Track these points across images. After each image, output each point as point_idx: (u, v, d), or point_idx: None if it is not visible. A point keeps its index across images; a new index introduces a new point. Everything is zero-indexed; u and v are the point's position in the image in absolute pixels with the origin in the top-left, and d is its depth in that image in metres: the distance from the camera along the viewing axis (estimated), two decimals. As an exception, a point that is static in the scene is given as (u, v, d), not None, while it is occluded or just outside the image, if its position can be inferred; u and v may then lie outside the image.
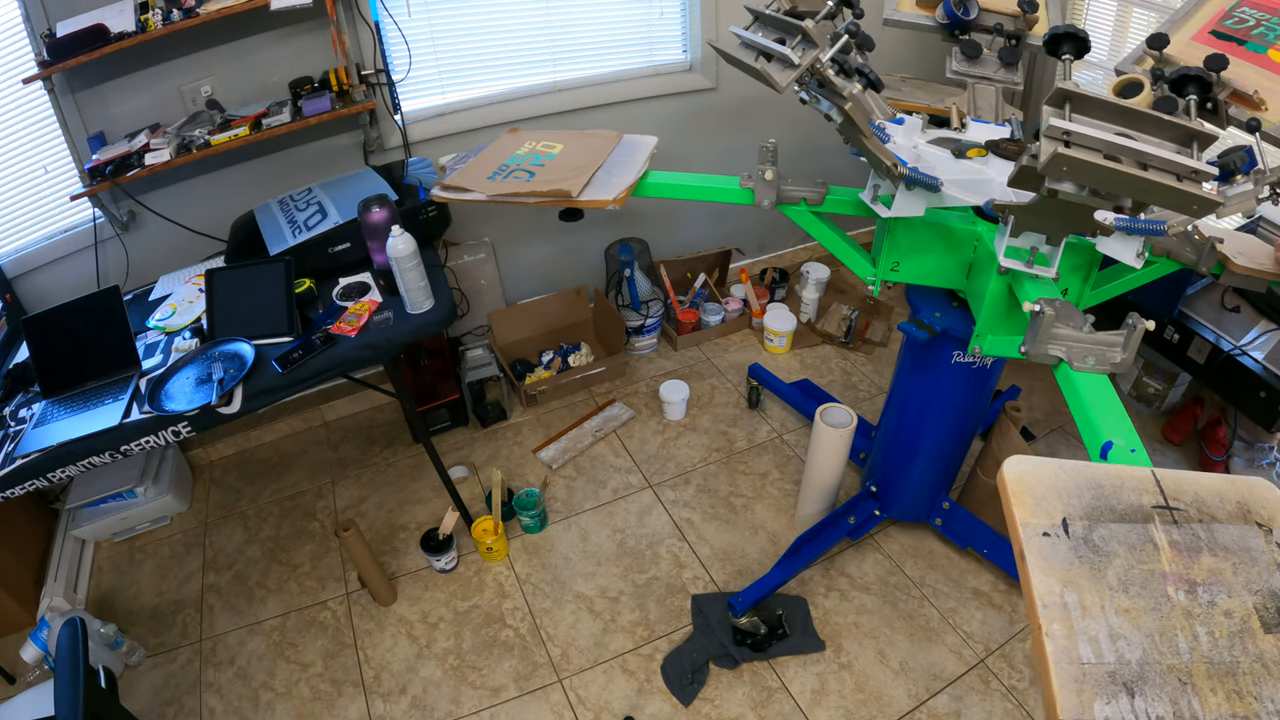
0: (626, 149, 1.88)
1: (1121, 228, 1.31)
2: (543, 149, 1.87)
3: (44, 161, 2.03)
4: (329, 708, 1.90)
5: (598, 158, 1.80)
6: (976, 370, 1.78)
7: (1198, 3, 1.54)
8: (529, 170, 1.75)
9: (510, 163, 1.80)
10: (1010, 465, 0.80)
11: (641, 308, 2.96)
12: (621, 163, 1.80)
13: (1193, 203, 1.02)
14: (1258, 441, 2.43)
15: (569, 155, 1.83)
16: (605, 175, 1.74)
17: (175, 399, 1.63)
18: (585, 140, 1.91)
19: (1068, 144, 1.05)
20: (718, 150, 2.98)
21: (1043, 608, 0.69)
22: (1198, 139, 1.06)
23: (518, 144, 1.92)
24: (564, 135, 1.95)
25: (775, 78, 1.44)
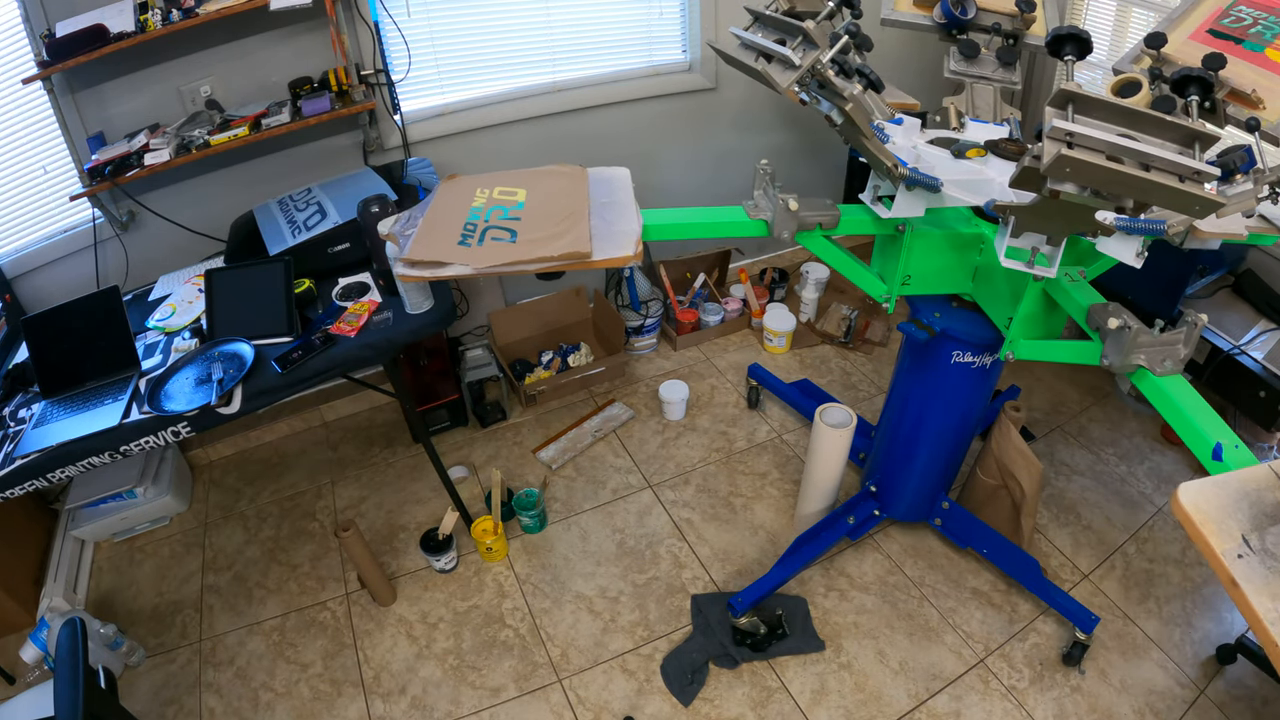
0: (602, 187, 1.66)
1: (1121, 227, 1.31)
2: (502, 197, 1.61)
3: (43, 162, 2.03)
4: (329, 708, 1.90)
5: (578, 202, 1.59)
6: (976, 370, 1.78)
7: (1195, 1, 1.54)
8: (505, 228, 1.51)
9: (474, 220, 1.53)
10: (1185, 494, 0.84)
11: (641, 308, 2.96)
12: (608, 204, 1.60)
13: (1195, 203, 1.03)
14: (1257, 441, 2.43)
15: (542, 203, 1.59)
16: (603, 224, 1.53)
17: (175, 399, 1.63)
18: (547, 181, 1.67)
19: (1070, 145, 1.05)
20: (717, 151, 2.98)
21: (1272, 626, 0.70)
22: (1200, 140, 1.06)
23: (468, 194, 1.63)
24: (517, 177, 1.70)
25: (776, 79, 1.45)
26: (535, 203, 1.59)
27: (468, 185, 1.67)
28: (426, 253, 1.43)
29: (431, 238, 1.48)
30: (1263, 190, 1.27)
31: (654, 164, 2.90)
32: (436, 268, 1.41)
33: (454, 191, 1.65)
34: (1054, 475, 2.45)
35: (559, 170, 1.72)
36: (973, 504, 2.18)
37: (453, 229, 1.50)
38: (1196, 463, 2.44)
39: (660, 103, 2.76)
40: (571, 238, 1.47)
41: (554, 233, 1.49)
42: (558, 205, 1.58)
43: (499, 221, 1.52)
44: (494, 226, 1.51)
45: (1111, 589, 2.10)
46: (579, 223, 1.52)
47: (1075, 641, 1.89)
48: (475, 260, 1.41)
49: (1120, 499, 2.36)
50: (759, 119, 2.99)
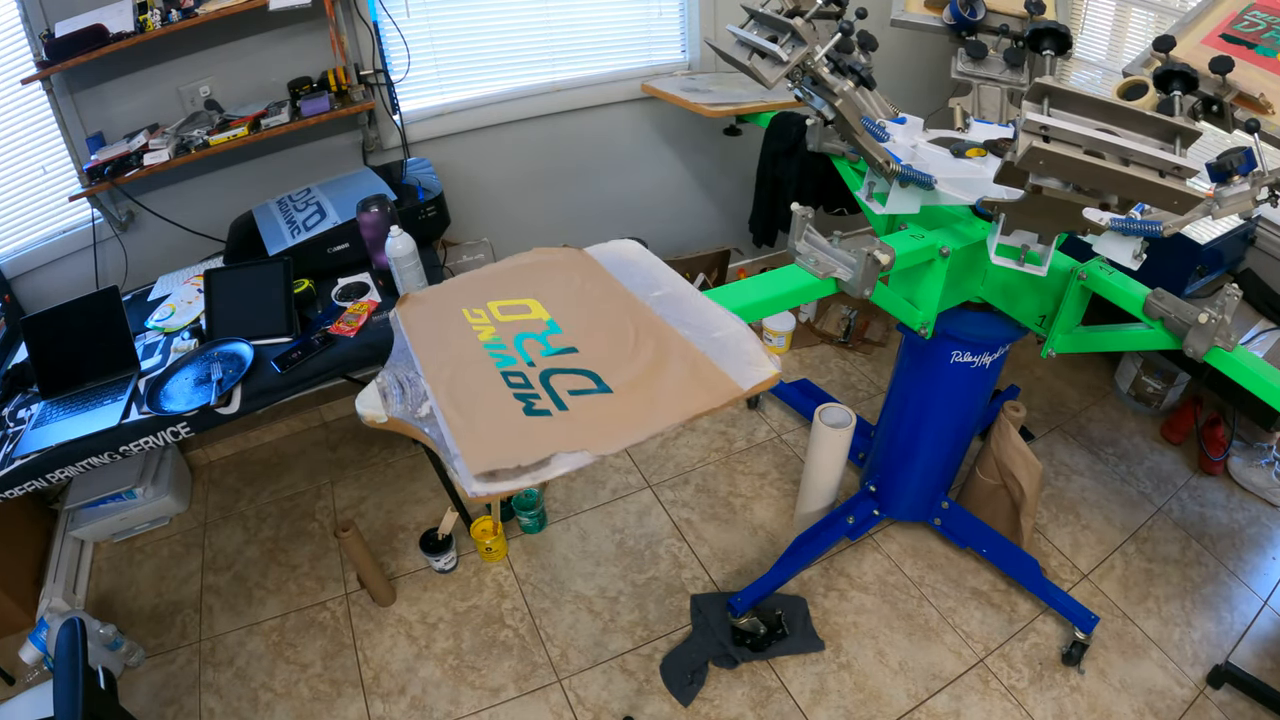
0: (635, 275, 1.29)
1: (1116, 227, 1.31)
2: (514, 318, 1.20)
3: (43, 162, 2.03)
4: (328, 708, 1.90)
5: (625, 303, 1.21)
6: (975, 370, 1.78)
7: (1208, 6, 1.54)
8: (572, 370, 1.08)
9: (510, 367, 1.09)
10: None
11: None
12: (665, 297, 1.22)
13: (1174, 199, 1.03)
14: (1256, 441, 2.43)
15: (579, 316, 1.20)
16: (693, 332, 1.14)
17: (174, 399, 1.63)
18: (552, 281, 1.27)
19: (1046, 139, 1.05)
20: (717, 150, 2.97)
21: None
22: (1181, 135, 1.06)
23: (456, 323, 1.21)
24: (502, 282, 1.30)
25: (765, 74, 1.48)
26: (570, 318, 1.19)
27: (444, 308, 1.25)
28: (501, 455, 0.93)
29: (478, 421, 1.01)
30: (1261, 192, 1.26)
31: (653, 164, 2.90)
32: (537, 470, 0.92)
33: (432, 324, 1.22)
34: (1053, 475, 2.45)
35: (550, 261, 1.34)
36: (972, 504, 2.18)
37: (491, 393, 1.05)
38: (1196, 460, 2.45)
39: (660, 103, 2.76)
40: (689, 368, 1.07)
41: (650, 362, 1.09)
42: (604, 316, 1.19)
43: (551, 361, 1.10)
44: (556, 371, 1.08)
45: (1111, 589, 2.10)
46: (669, 340, 1.12)
47: (1075, 641, 1.89)
48: (591, 440, 0.96)
49: (1120, 499, 2.36)
50: (758, 119, 2.99)
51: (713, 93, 2.46)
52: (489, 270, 1.35)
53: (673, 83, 2.60)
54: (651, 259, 1.34)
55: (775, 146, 2.34)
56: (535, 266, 1.34)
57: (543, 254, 1.37)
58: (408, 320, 1.24)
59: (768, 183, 2.49)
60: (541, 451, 0.94)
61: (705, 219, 3.17)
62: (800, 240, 1.40)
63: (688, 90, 2.48)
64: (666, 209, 3.02)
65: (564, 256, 1.36)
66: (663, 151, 2.89)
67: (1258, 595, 2.08)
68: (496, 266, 1.36)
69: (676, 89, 2.51)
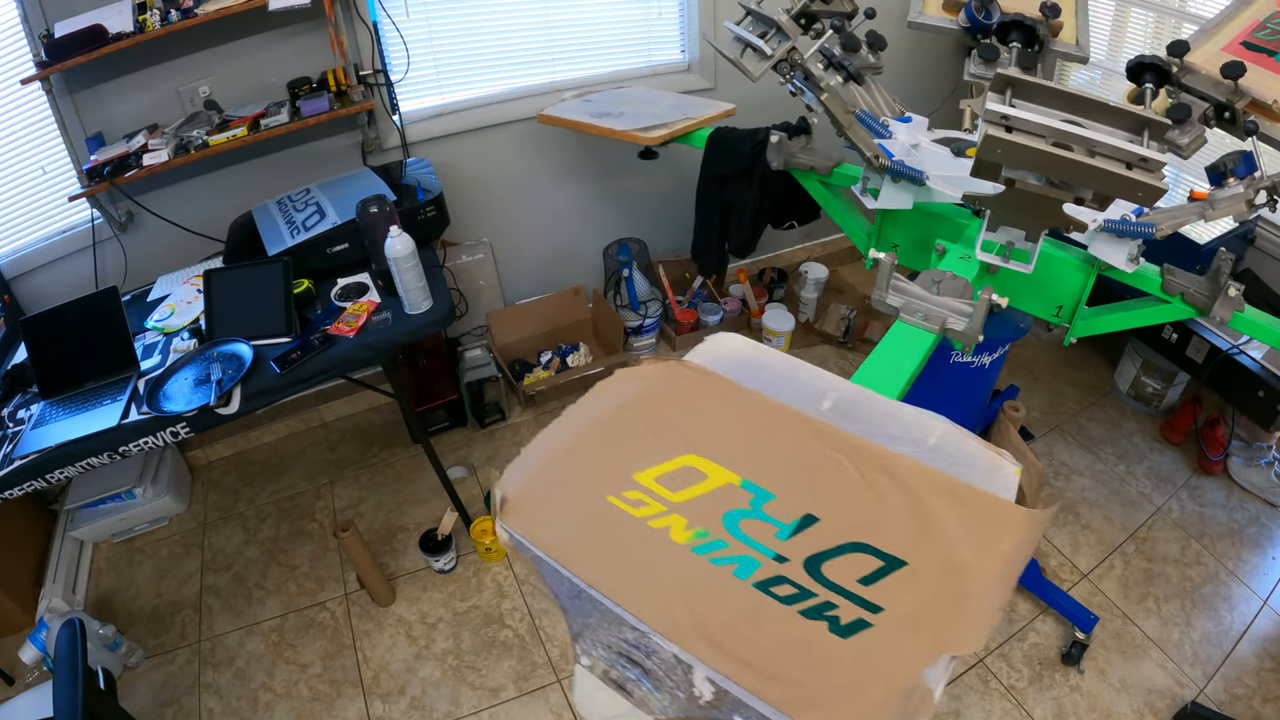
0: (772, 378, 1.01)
1: (1111, 229, 1.32)
2: (700, 492, 0.86)
3: (42, 162, 2.03)
4: (328, 708, 1.90)
5: (815, 427, 0.92)
6: (975, 370, 1.78)
7: (1231, 13, 1.52)
8: (854, 550, 0.80)
9: (759, 575, 0.78)
10: None
11: (640, 308, 2.96)
12: (840, 405, 0.96)
13: (1138, 190, 1.02)
14: (1256, 441, 2.43)
15: (782, 467, 0.89)
16: (907, 446, 0.90)
17: (174, 400, 1.63)
18: (697, 422, 0.94)
19: (1009, 129, 1.05)
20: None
21: None
22: (1149, 126, 1.06)
23: (622, 522, 0.85)
24: (626, 434, 0.95)
25: (750, 68, 1.57)
26: (764, 470, 0.88)
27: (574, 504, 0.89)
28: (865, 712, 0.69)
29: (792, 673, 0.71)
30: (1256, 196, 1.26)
31: (652, 164, 2.89)
32: (918, 704, 0.69)
33: (577, 531, 0.86)
34: (1053, 475, 2.45)
35: (660, 392, 0.98)
36: (972, 504, 2.18)
37: (768, 623, 0.74)
38: (1196, 460, 2.45)
39: (659, 103, 2.76)
40: (951, 500, 0.84)
41: (908, 508, 0.83)
42: (799, 455, 0.90)
43: (800, 545, 0.80)
44: (821, 557, 0.79)
45: (1110, 588, 2.10)
46: (899, 469, 0.87)
47: (1074, 641, 1.89)
48: (946, 637, 0.72)
49: (1119, 498, 2.36)
50: (758, 118, 2.98)
51: (625, 115, 2.20)
52: (582, 423, 0.97)
53: (572, 107, 2.33)
54: (773, 353, 1.06)
55: (723, 169, 2.11)
56: (646, 404, 0.97)
57: (636, 380, 0.98)
58: (540, 537, 0.84)
59: (715, 208, 2.19)
60: (904, 678, 0.69)
61: (705, 219, 3.17)
62: (890, 292, 1.28)
63: (597, 115, 2.21)
64: (666, 208, 3.02)
65: (670, 379, 0.97)
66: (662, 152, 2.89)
67: (1257, 595, 2.08)
68: (584, 414, 0.98)
69: (583, 115, 2.23)
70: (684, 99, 2.39)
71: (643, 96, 2.40)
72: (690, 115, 2.19)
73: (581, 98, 2.41)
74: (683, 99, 2.39)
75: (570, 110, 2.29)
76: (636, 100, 2.36)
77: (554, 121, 2.28)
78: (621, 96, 2.42)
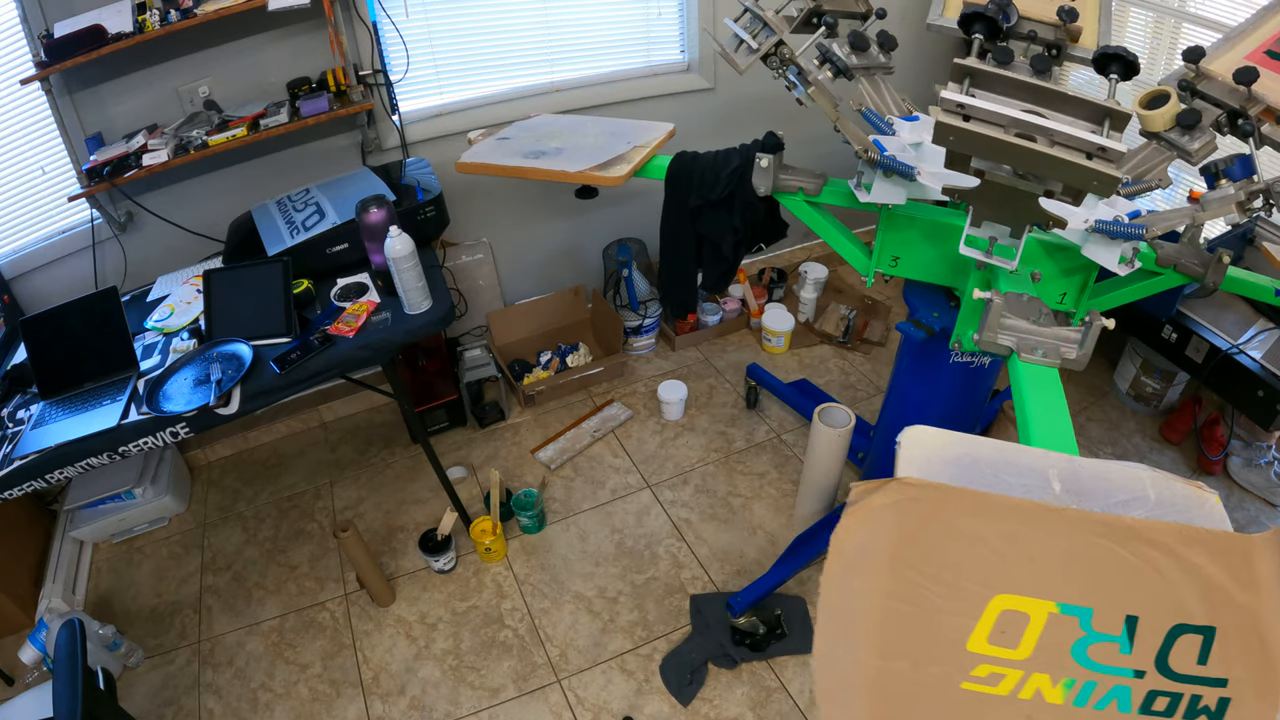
0: (1014, 472, 0.91)
1: (1101, 230, 1.32)
2: (1039, 648, 0.80)
3: (41, 162, 2.03)
4: (327, 708, 1.90)
5: (1120, 525, 0.81)
6: (974, 369, 1.78)
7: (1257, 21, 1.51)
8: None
9: None
10: None
11: (640, 308, 2.96)
12: (1136, 500, 0.88)
13: (1092, 179, 1.02)
14: (1255, 440, 2.43)
15: (1107, 590, 0.82)
16: (1184, 516, 0.85)
17: (173, 400, 1.63)
18: (960, 551, 0.83)
19: (966, 118, 1.05)
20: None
21: None
22: (1110, 117, 1.06)
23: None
24: (910, 589, 0.83)
25: (738, 61, 1.63)
26: (1086, 591, 0.81)
27: (910, 675, 0.82)
28: None
29: None
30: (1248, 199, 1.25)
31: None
32: None
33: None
34: (1053, 475, 2.45)
35: (920, 520, 0.84)
36: (972, 503, 2.18)
37: None
38: (1196, 460, 2.45)
39: (659, 103, 2.76)
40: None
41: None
42: (1106, 564, 0.81)
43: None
44: (1197, 683, 0.78)
45: (1110, 588, 2.10)
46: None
47: (1074, 641, 1.89)
48: None
49: (1119, 498, 2.36)
50: (757, 118, 2.99)
51: (563, 151, 1.91)
52: (868, 603, 0.85)
53: (490, 149, 1.98)
54: (979, 441, 0.95)
55: (695, 200, 1.87)
56: (911, 551, 0.84)
57: (876, 524, 0.85)
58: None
59: (687, 242, 1.95)
60: None
61: (704, 219, 3.17)
62: (1001, 333, 1.24)
63: (530, 156, 1.89)
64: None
65: (910, 508, 0.83)
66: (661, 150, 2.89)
67: (1257, 595, 2.08)
68: (860, 588, 0.85)
69: (512, 157, 1.90)
70: (612, 124, 2.07)
71: (567, 126, 2.09)
72: (635, 142, 1.93)
73: (493, 136, 2.06)
74: (611, 124, 2.07)
75: (492, 153, 1.94)
76: (562, 131, 2.05)
77: (477, 169, 1.90)
78: (542, 129, 2.08)
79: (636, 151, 1.89)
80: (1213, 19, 2.31)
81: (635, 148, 1.91)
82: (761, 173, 1.72)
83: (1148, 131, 1.41)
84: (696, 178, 1.86)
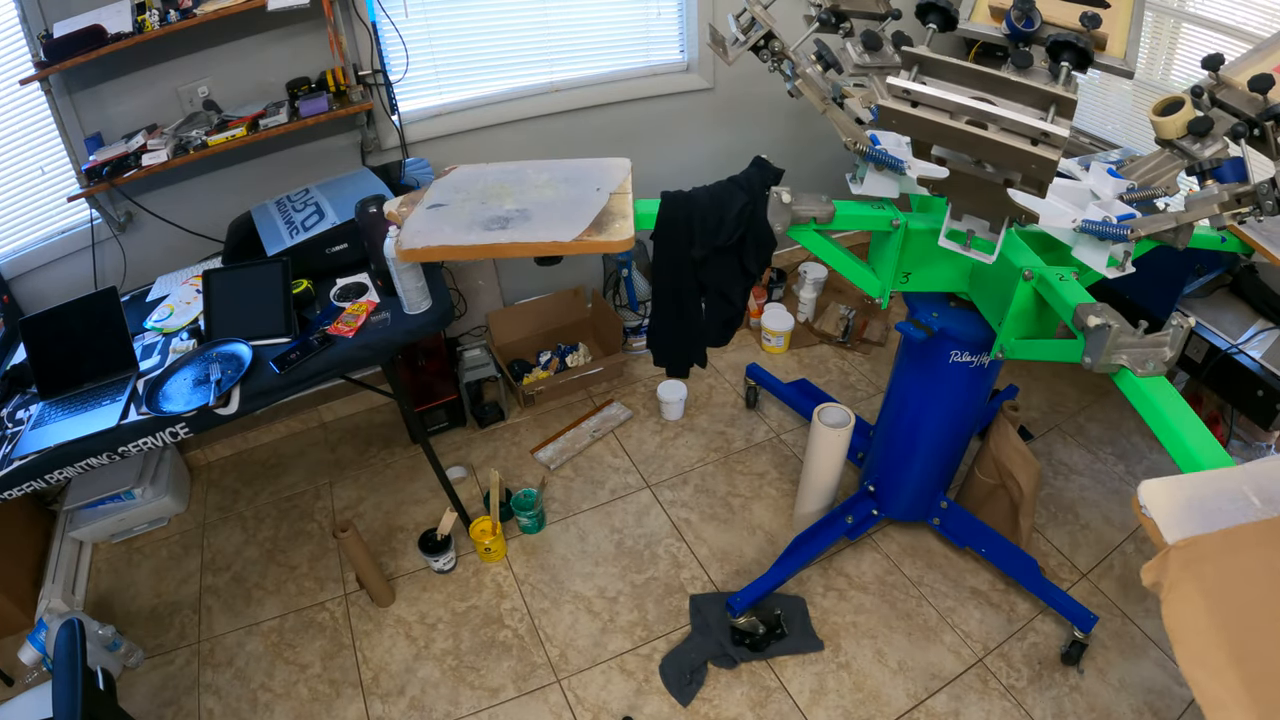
0: None
1: (1087, 230, 1.32)
2: None
3: (41, 162, 2.03)
4: (327, 709, 1.90)
5: None
6: (974, 370, 1.78)
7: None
8: None
9: None
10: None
11: (639, 308, 2.96)
12: None
13: (1030, 162, 1.03)
14: (1255, 440, 2.43)
15: None
16: None
17: (173, 400, 1.63)
18: None
19: (914, 104, 1.08)
20: (715, 150, 2.98)
21: None
22: (1057, 103, 1.07)
23: None
24: None
25: (728, 53, 1.65)
26: None
27: None
28: None
29: None
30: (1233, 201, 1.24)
31: (651, 164, 2.90)
32: None
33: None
34: (1052, 475, 2.45)
35: None
36: (971, 503, 2.18)
37: None
38: (1194, 462, 2.45)
39: (658, 103, 2.76)
40: None
41: None
42: None
43: None
44: None
45: (1110, 588, 2.10)
46: None
47: (1074, 641, 1.89)
48: None
49: (1118, 498, 2.36)
50: (757, 118, 2.99)
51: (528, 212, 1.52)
52: None
53: (430, 222, 1.51)
54: (1191, 477, 0.98)
55: (699, 251, 1.59)
56: None
57: (1174, 595, 0.88)
58: None
59: (690, 298, 1.67)
60: None
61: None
62: (1120, 352, 1.24)
63: (492, 224, 1.48)
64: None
65: (1193, 569, 0.88)
66: (661, 151, 2.90)
67: (1256, 594, 2.08)
68: None
69: (469, 230, 1.47)
70: (554, 166, 1.70)
71: (501, 177, 1.67)
72: (607, 187, 1.60)
73: (419, 204, 1.58)
74: (553, 167, 1.70)
75: (438, 229, 1.49)
76: (503, 185, 1.63)
77: (432, 255, 1.46)
78: (474, 185, 1.64)
79: (618, 200, 1.55)
80: (1212, 19, 2.31)
81: (613, 194, 1.58)
82: (781, 209, 1.52)
83: (1161, 139, 1.40)
84: (697, 223, 1.56)
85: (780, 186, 1.53)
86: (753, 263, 1.62)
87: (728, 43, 1.68)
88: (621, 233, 1.45)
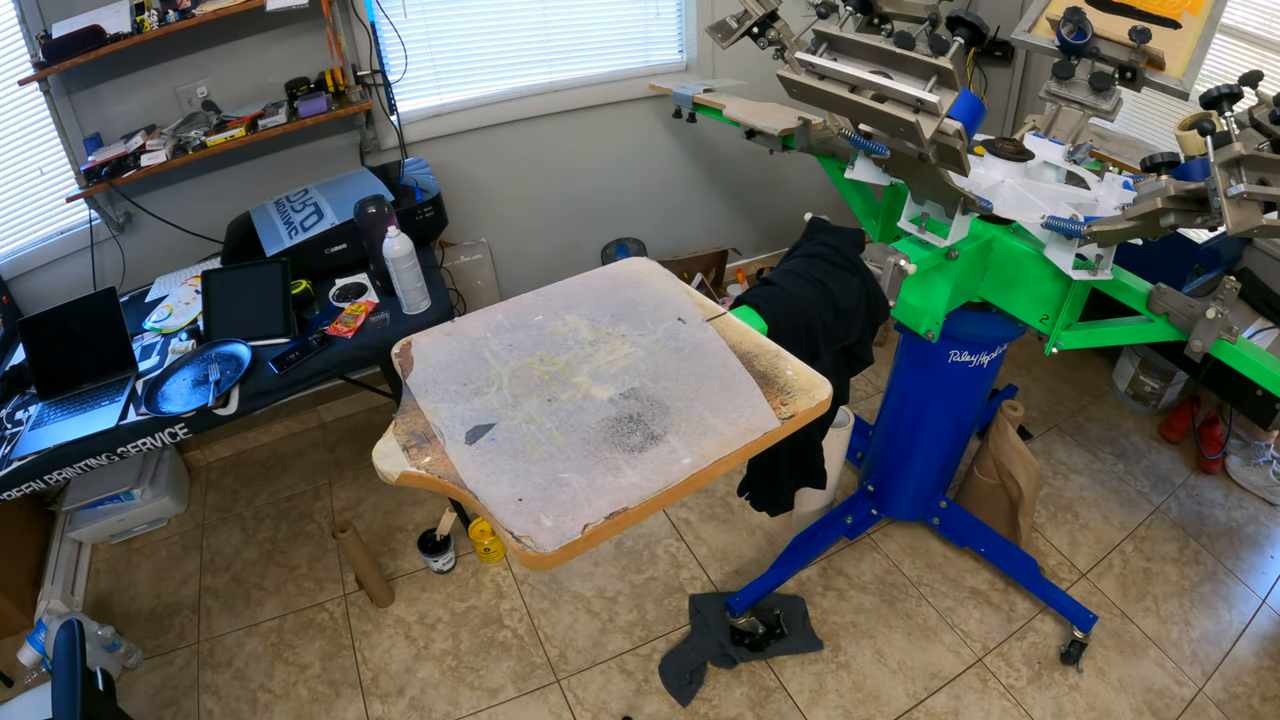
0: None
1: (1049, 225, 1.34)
2: None
3: (40, 163, 2.03)
4: (327, 709, 1.89)
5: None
6: (973, 369, 1.78)
7: None
8: None
9: None
10: None
11: (639, 308, 2.95)
12: None
13: (899, 125, 1.07)
14: (1254, 440, 2.43)
15: None
16: None
17: (172, 401, 1.63)
18: None
19: (822, 77, 1.14)
20: (714, 151, 2.98)
21: None
22: (938, 74, 1.10)
23: None
24: None
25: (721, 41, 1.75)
26: None
27: None
28: None
29: None
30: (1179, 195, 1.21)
31: (651, 164, 2.90)
32: None
33: None
34: (1051, 474, 2.45)
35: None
36: (970, 503, 2.18)
37: None
38: (1194, 459, 2.45)
39: (657, 103, 2.76)
40: None
41: None
42: None
43: None
44: None
45: (1109, 588, 2.10)
46: None
47: (1073, 640, 1.89)
48: None
49: (1118, 498, 2.36)
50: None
51: (662, 407, 0.81)
52: None
53: (516, 480, 0.76)
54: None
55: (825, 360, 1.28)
56: None
57: None
58: None
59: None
60: None
61: (702, 219, 3.17)
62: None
63: (618, 452, 0.76)
64: (664, 209, 3.02)
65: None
66: (660, 151, 2.90)
67: (1256, 594, 2.09)
68: None
69: (591, 490, 0.71)
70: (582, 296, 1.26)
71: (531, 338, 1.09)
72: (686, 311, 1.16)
73: (452, 438, 0.88)
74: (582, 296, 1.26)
75: (551, 492, 0.78)
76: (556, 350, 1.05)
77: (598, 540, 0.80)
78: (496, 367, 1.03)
79: (727, 329, 1.05)
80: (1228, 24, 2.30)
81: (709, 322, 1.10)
82: (897, 280, 1.30)
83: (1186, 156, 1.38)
84: (819, 328, 1.23)
85: (891, 252, 1.28)
86: (868, 350, 1.36)
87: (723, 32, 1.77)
88: (810, 383, 0.90)
